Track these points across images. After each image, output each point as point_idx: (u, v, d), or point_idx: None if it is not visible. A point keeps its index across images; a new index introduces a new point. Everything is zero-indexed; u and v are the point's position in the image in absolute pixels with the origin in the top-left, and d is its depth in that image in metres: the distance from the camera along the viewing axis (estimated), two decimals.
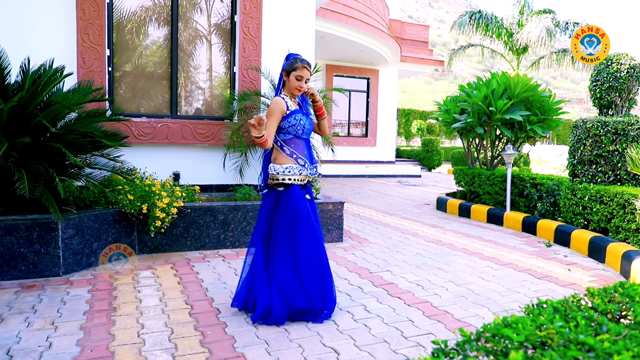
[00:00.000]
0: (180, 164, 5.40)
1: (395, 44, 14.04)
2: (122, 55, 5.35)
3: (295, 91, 2.90)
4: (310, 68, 2.95)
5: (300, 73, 2.87)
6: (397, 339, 2.56)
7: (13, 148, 3.33)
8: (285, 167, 2.86)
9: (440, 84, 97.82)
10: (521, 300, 3.28)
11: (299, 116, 2.89)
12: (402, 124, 26.34)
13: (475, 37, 19.00)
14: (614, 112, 5.69)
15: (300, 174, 2.89)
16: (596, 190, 4.80)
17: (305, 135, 2.96)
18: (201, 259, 4.09)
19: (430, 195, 9.52)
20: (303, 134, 2.93)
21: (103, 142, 3.78)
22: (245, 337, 2.52)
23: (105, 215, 3.85)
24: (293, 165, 2.87)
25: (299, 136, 2.92)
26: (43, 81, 3.63)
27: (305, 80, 2.89)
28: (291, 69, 2.88)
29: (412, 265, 4.11)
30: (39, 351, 2.29)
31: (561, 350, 0.97)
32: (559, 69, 19.16)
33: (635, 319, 1.20)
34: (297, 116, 2.88)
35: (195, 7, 5.62)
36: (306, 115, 2.98)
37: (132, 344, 2.40)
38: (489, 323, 1.11)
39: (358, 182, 12.09)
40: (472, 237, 5.42)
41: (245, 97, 5.37)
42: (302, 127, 2.89)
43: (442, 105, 7.95)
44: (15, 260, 3.39)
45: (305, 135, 2.96)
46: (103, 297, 3.09)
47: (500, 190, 6.54)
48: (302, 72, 2.87)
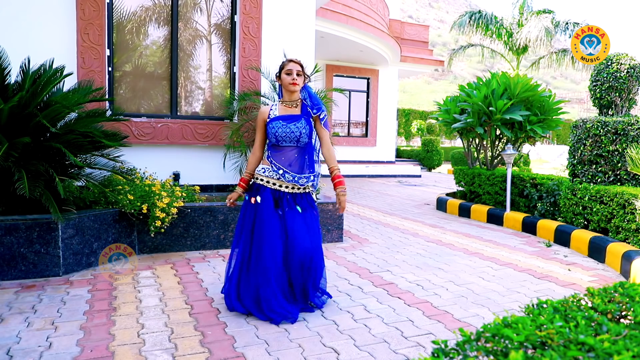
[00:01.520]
0: (180, 164, 5.40)
1: (395, 44, 14.04)
2: (122, 55, 5.35)
3: (288, 87, 2.90)
4: (299, 63, 2.94)
5: (288, 67, 2.90)
6: (397, 339, 2.56)
7: (13, 148, 3.33)
8: (261, 167, 2.93)
9: (440, 84, 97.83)
10: (521, 300, 3.28)
11: (273, 124, 2.87)
12: (402, 124, 26.34)
13: (475, 37, 19.00)
14: (614, 112, 5.69)
15: (276, 178, 2.87)
16: (596, 190, 4.80)
17: (285, 143, 2.88)
18: (201, 259, 4.09)
19: (430, 195, 9.52)
20: (280, 142, 2.87)
21: (103, 142, 3.78)
22: (245, 337, 2.52)
23: (105, 215, 3.85)
24: (267, 167, 2.91)
25: (276, 143, 2.89)
26: (43, 81, 3.63)
27: (296, 72, 2.89)
28: (281, 69, 2.95)
29: (412, 265, 4.11)
30: (39, 351, 2.29)
31: (561, 350, 0.97)
32: (559, 69, 19.16)
33: (635, 319, 1.20)
34: (273, 124, 2.88)
35: (195, 7, 5.62)
36: (290, 121, 2.88)
37: (132, 344, 2.40)
38: (489, 323, 1.11)
39: (358, 182, 12.09)
40: (472, 237, 5.42)
41: (245, 97, 5.38)
42: (273, 135, 2.86)
43: (442, 105, 7.95)
44: (15, 260, 3.39)
45: (286, 143, 2.88)
46: (103, 297, 3.09)
47: (500, 190, 6.54)
48: (289, 66, 2.90)
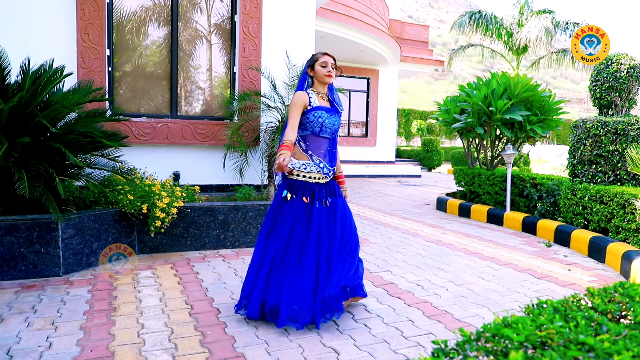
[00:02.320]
0: (180, 164, 5.40)
1: (395, 44, 14.04)
2: (122, 55, 5.35)
3: (324, 79, 2.89)
4: (333, 56, 2.96)
5: (323, 59, 2.90)
6: (397, 339, 2.56)
7: (13, 148, 3.33)
8: (302, 162, 2.83)
9: (440, 84, 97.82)
10: (521, 300, 3.28)
11: (319, 113, 2.84)
12: (402, 124, 26.34)
13: (475, 37, 19.01)
14: (614, 112, 5.69)
15: (316, 171, 2.85)
16: (596, 190, 4.80)
17: (326, 134, 2.89)
18: (201, 259, 4.09)
19: (430, 195, 9.52)
20: (322, 133, 2.87)
21: (103, 142, 3.78)
22: (245, 337, 2.52)
23: (105, 215, 3.85)
24: (308, 162, 2.84)
25: (317, 134, 2.86)
26: (43, 81, 3.63)
27: (331, 65, 2.90)
28: (313, 62, 2.92)
29: (412, 265, 4.11)
30: (39, 351, 2.29)
31: (561, 350, 0.97)
32: (559, 69, 19.16)
33: (635, 319, 1.20)
34: (317, 113, 2.83)
35: (195, 7, 5.62)
36: (331, 113, 2.90)
37: (132, 344, 2.40)
38: (489, 323, 1.11)
39: (358, 182, 12.09)
40: (472, 237, 5.42)
41: (245, 97, 5.38)
42: (319, 125, 2.83)
43: (442, 105, 7.95)
44: (15, 260, 3.39)
45: (326, 135, 2.89)
46: (103, 297, 3.09)
47: (500, 190, 6.54)
48: (324, 59, 2.90)
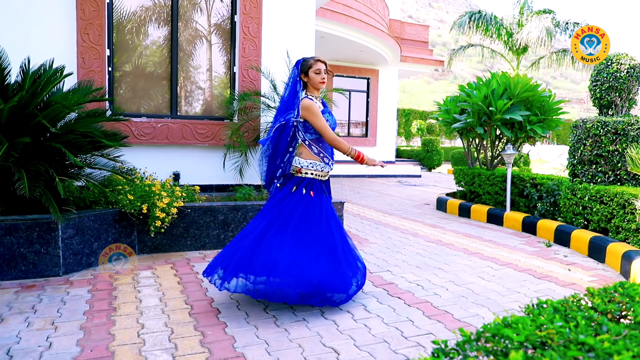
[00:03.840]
0: (180, 164, 5.40)
1: (395, 44, 14.04)
2: (122, 55, 5.35)
3: (319, 85, 3.06)
4: (325, 62, 3.09)
5: (317, 66, 3.03)
6: (397, 339, 2.56)
7: (13, 148, 3.33)
8: (309, 162, 3.02)
9: (440, 84, 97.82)
10: (521, 300, 3.28)
11: (326, 116, 3.06)
12: (402, 124, 26.35)
13: (475, 37, 19.02)
14: (614, 112, 5.69)
15: (322, 170, 3.07)
16: (596, 190, 4.80)
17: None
18: (201, 259, 4.09)
19: (430, 195, 9.52)
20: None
21: (103, 142, 3.78)
22: (245, 337, 2.52)
23: (105, 215, 3.85)
24: (318, 162, 3.05)
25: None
26: (43, 81, 3.63)
27: (324, 71, 3.04)
28: (307, 68, 3.03)
29: (412, 265, 4.11)
30: (39, 351, 2.29)
31: (561, 350, 0.97)
32: (559, 69, 19.18)
33: (635, 319, 1.20)
34: (325, 117, 3.05)
35: (195, 7, 5.62)
36: (330, 114, 3.13)
37: (132, 344, 2.40)
38: (489, 323, 1.11)
39: (358, 182, 12.09)
40: (472, 237, 5.42)
41: (245, 97, 5.38)
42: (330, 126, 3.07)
43: (442, 105, 7.95)
44: (15, 260, 3.39)
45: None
46: (103, 297, 3.09)
47: (500, 190, 6.54)
48: (318, 65, 3.03)
